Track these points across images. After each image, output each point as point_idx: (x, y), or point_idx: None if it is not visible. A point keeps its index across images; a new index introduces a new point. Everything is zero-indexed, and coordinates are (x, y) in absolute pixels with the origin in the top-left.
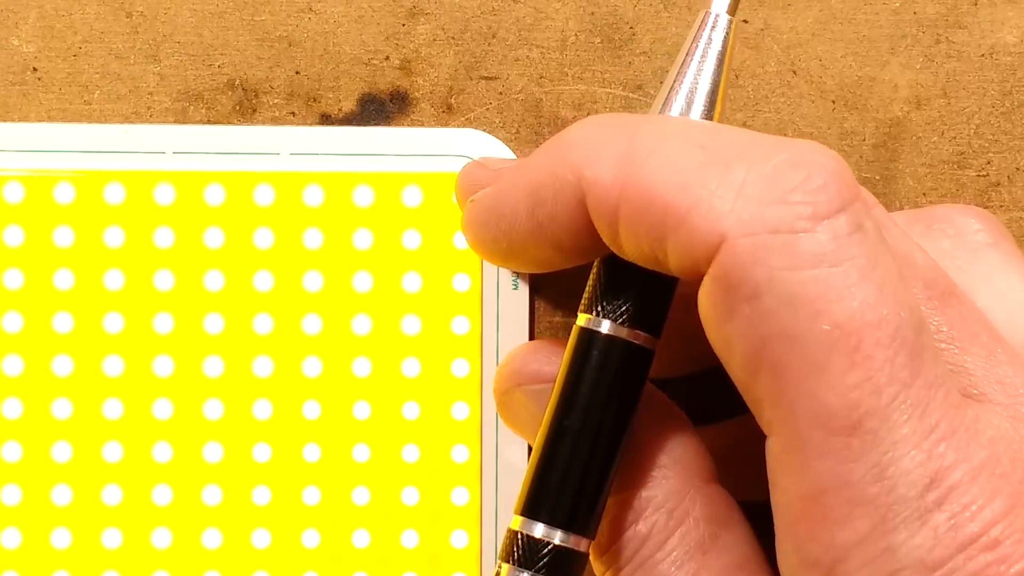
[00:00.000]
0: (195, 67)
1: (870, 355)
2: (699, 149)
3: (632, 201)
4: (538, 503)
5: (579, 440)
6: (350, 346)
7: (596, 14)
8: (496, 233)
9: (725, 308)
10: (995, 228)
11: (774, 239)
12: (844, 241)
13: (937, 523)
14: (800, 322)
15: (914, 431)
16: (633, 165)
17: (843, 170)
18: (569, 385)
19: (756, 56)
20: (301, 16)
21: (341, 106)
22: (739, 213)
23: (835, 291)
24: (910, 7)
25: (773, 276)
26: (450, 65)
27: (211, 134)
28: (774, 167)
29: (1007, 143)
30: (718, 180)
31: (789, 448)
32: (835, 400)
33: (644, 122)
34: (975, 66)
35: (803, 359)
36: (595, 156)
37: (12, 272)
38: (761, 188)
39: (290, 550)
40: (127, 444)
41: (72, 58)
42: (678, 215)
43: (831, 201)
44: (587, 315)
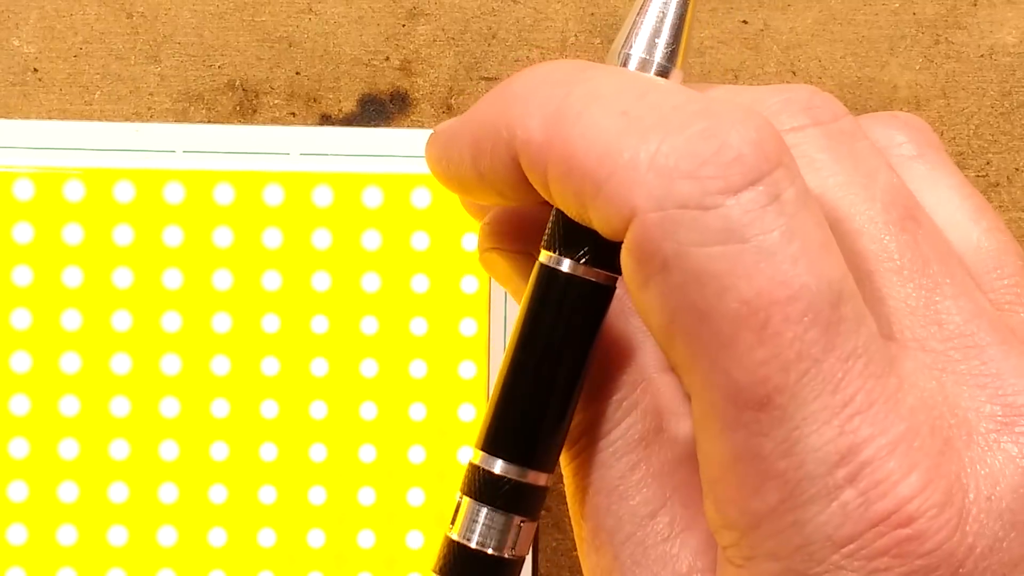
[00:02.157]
0: (195, 68)
1: (778, 332)
2: (621, 116)
3: (557, 165)
4: (497, 440)
5: (537, 378)
6: (357, 347)
7: (596, 14)
8: (448, 173)
9: (639, 278)
10: (920, 136)
11: (682, 214)
12: (756, 215)
13: (846, 500)
14: (708, 299)
15: (825, 406)
16: (560, 127)
17: (763, 137)
18: (528, 323)
19: (756, 56)
20: (301, 17)
21: (341, 106)
22: (650, 187)
23: (743, 267)
24: (909, 7)
25: (681, 252)
26: (450, 65)
27: (221, 133)
28: (687, 138)
29: (1006, 143)
30: (632, 151)
31: (704, 416)
32: (743, 376)
33: (579, 80)
34: (974, 66)
35: (712, 334)
36: (528, 114)
37: (21, 269)
38: (673, 160)
39: (295, 549)
40: (134, 442)
41: (73, 59)
42: (595, 184)
43: (745, 174)
44: (548, 252)
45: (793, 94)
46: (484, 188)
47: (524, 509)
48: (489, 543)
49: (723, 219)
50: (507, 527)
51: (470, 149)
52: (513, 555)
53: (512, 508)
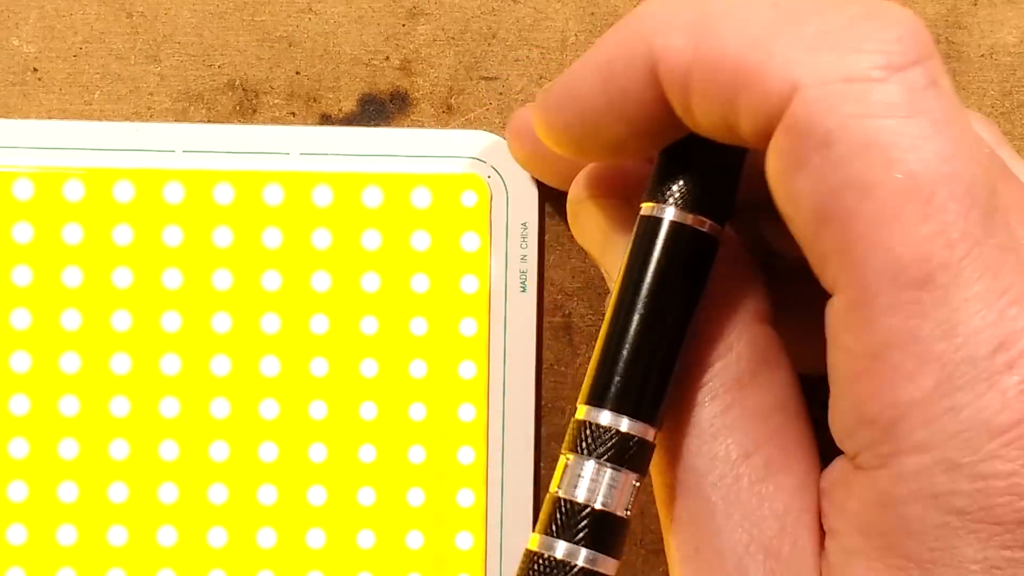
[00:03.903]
0: (195, 67)
1: (944, 207)
2: (771, 7)
3: (704, 64)
4: (603, 391)
5: (644, 329)
6: (357, 347)
7: (596, 14)
8: (568, 116)
9: (795, 159)
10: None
11: (848, 87)
12: (919, 94)
13: (1006, 386)
14: (873, 170)
15: (987, 290)
16: (704, 29)
17: (919, 26)
18: (633, 273)
19: None
20: (301, 16)
21: (341, 106)
22: (812, 63)
23: (909, 140)
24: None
25: (846, 124)
26: (450, 65)
27: (221, 133)
28: (848, 18)
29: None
30: (791, 33)
31: (855, 304)
32: (907, 252)
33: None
34: (975, 66)
35: (875, 208)
36: (666, 24)
37: (21, 269)
38: (835, 39)
39: (295, 550)
40: (134, 442)
41: (72, 58)
42: (750, 70)
43: (906, 53)
44: (650, 203)
45: None
46: (612, 120)
47: (633, 463)
48: (596, 498)
49: (889, 93)
50: (616, 482)
51: (599, 77)
52: (624, 513)
53: (620, 461)
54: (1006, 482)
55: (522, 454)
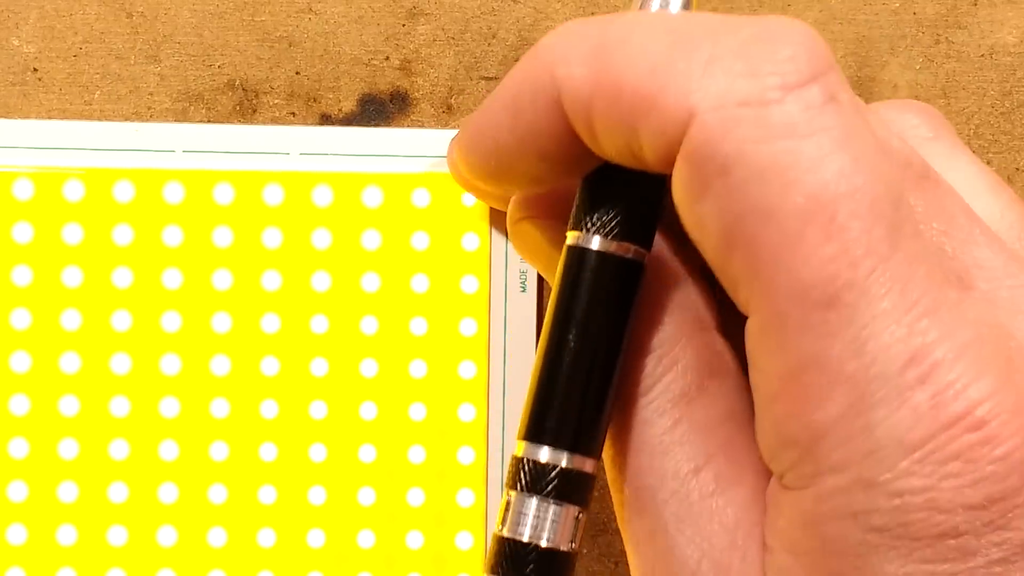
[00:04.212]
0: (195, 67)
1: (846, 226)
2: (667, 34)
3: (604, 92)
4: (541, 426)
5: (576, 361)
6: (357, 347)
7: (596, 14)
8: (483, 152)
9: (697, 186)
10: (934, 121)
11: (743, 112)
12: (816, 112)
13: (918, 401)
14: (772, 195)
15: (894, 305)
16: (604, 57)
17: (815, 41)
18: (562, 305)
19: None
20: (301, 16)
21: (341, 106)
22: (706, 88)
23: (807, 161)
24: (910, 7)
25: (743, 149)
26: (450, 65)
27: (221, 133)
28: (741, 41)
29: (1007, 143)
30: (686, 59)
31: (767, 326)
32: (811, 273)
33: (614, 18)
34: (975, 66)
35: (777, 232)
36: (568, 54)
37: (21, 269)
38: (728, 62)
39: (295, 550)
40: (133, 442)
41: (72, 58)
42: (648, 99)
43: (801, 71)
44: (575, 232)
45: None
46: (525, 154)
47: (575, 497)
48: (542, 535)
49: (784, 115)
50: (559, 517)
51: (508, 111)
52: (570, 547)
53: (563, 496)
54: (922, 497)
55: None
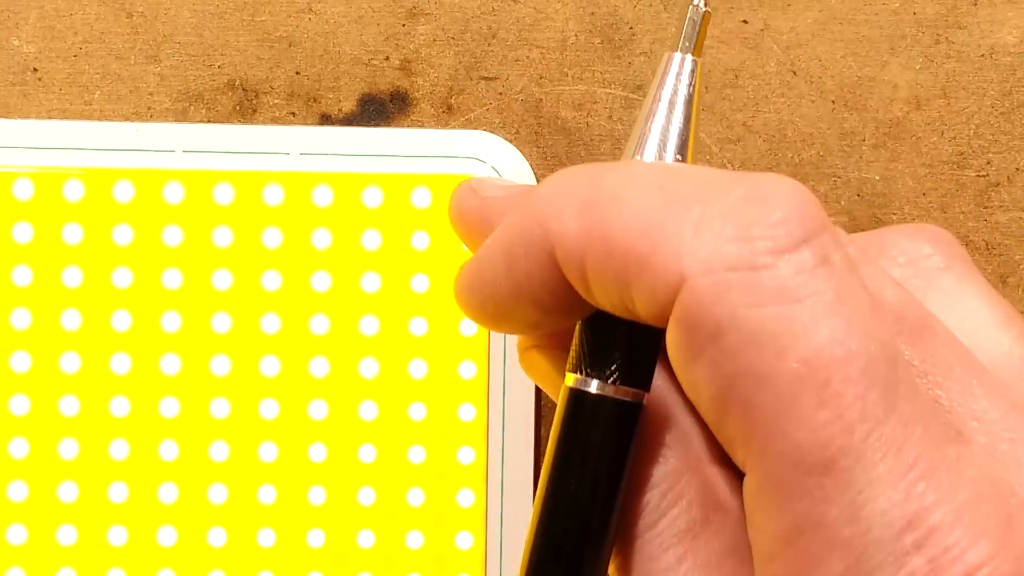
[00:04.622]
0: (195, 67)
1: (840, 391)
2: (658, 191)
3: (596, 249)
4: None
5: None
6: (357, 346)
7: (596, 14)
8: (482, 298)
9: (689, 350)
10: (947, 249)
11: (734, 276)
12: (808, 275)
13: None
14: (765, 360)
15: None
16: (595, 213)
17: (807, 202)
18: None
19: (756, 56)
20: (301, 16)
21: (341, 106)
22: (697, 252)
23: (800, 327)
24: (910, 7)
25: (735, 314)
26: (450, 65)
27: (221, 133)
28: (731, 203)
29: (1007, 143)
30: (676, 221)
31: (763, 488)
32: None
33: (608, 170)
34: (975, 66)
35: (771, 397)
36: (560, 208)
37: (21, 269)
38: (719, 225)
39: (295, 550)
40: (134, 442)
41: (72, 58)
42: (639, 259)
43: (792, 234)
44: (574, 375)
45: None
46: (521, 302)
47: None
48: None
49: (776, 279)
50: None
51: (503, 260)
52: None
53: None
54: None
55: (522, 454)
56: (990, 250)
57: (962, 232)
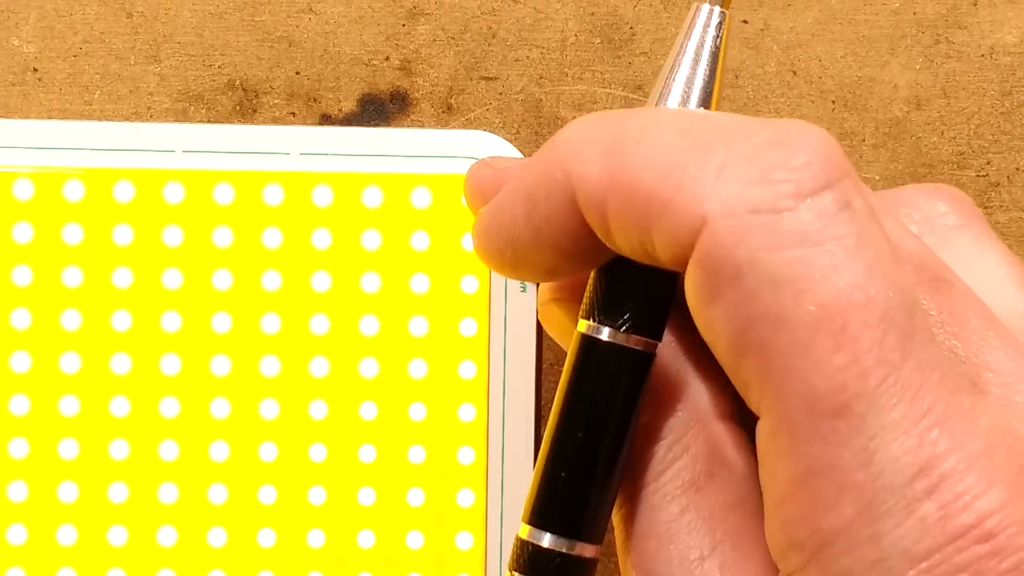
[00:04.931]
0: (195, 67)
1: (857, 336)
2: (682, 135)
3: (619, 192)
4: (545, 513)
5: (582, 450)
6: (357, 347)
7: (596, 14)
8: (500, 243)
9: (708, 291)
10: (963, 207)
11: (755, 219)
12: (830, 219)
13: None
14: (783, 303)
15: (904, 416)
16: (618, 156)
17: (830, 147)
18: (571, 393)
19: (756, 56)
20: (301, 16)
21: (341, 106)
22: (719, 195)
23: (819, 270)
24: (910, 7)
25: (755, 257)
26: (450, 65)
27: (221, 133)
28: (755, 146)
29: (1007, 143)
30: (699, 164)
31: (777, 431)
32: (821, 382)
33: (631, 115)
34: (975, 66)
35: (788, 340)
36: (583, 151)
37: (21, 269)
38: (741, 168)
39: (295, 550)
40: (134, 442)
41: (72, 58)
42: (661, 202)
43: (815, 178)
44: (587, 321)
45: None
46: (540, 246)
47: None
48: None
49: (797, 222)
50: None
51: (524, 205)
52: None
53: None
54: None
55: (522, 454)
56: None
57: None
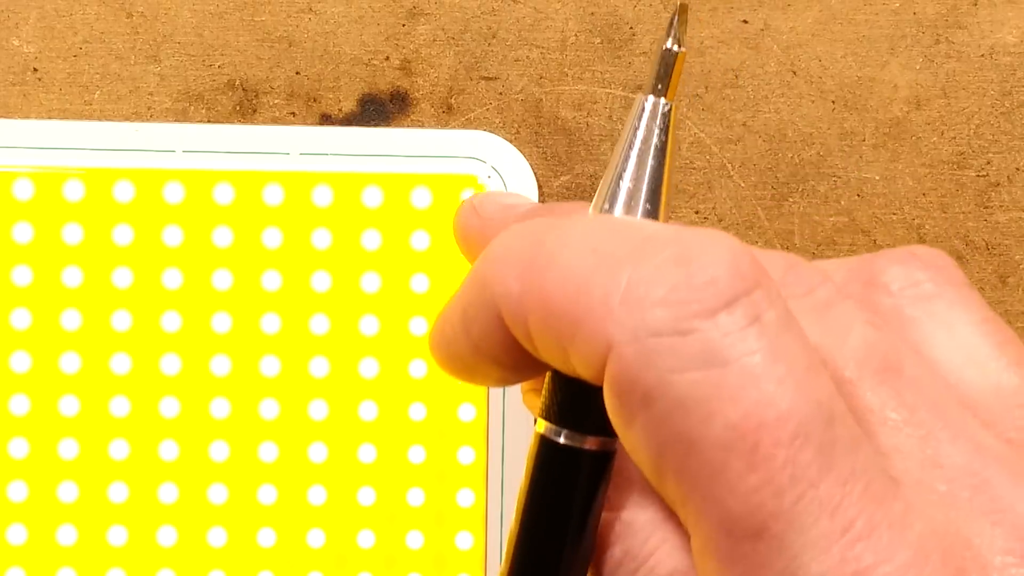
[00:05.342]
0: (195, 67)
1: (769, 455)
2: (591, 254)
3: (536, 312)
4: None
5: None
6: (357, 347)
7: (596, 14)
8: (448, 356)
9: (623, 416)
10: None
11: (660, 342)
12: (736, 337)
13: None
14: (694, 427)
15: (824, 533)
16: (534, 277)
17: (738, 259)
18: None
19: (756, 56)
20: (301, 16)
21: (341, 106)
22: (623, 318)
23: (727, 391)
24: (910, 7)
25: (662, 380)
26: (450, 65)
27: (221, 133)
28: (657, 266)
29: (1007, 143)
30: (604, 286)
31: (703, 551)
32: (737, 505)
33: (550, 229)
34: (975, 66)
35: (701, 464)
36: (504, 270)
37: (21, 269)
38: (644, 289)
39: (295, 550)
40: (134, 442)
41: (72, 58)
42: (572, 324)
43: (720, 295)
44: (544, 422)
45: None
46: (481, 360)
47: None
48: None
49: (701, 343)
50: None
51: (461, 320)
52: None
53: None
54: None
55: (522, 454)
56: (990, 250)
57: (962, 232)
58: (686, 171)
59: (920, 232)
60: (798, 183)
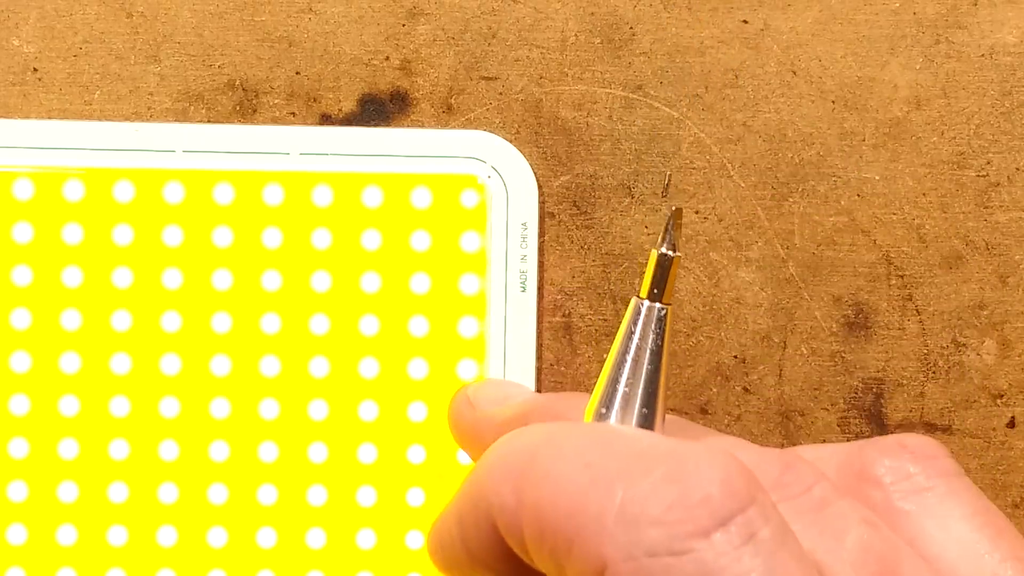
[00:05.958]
0: (195, 67)
1: None
2: (585, 469)
3: (531, 526)
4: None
5: None
6: (357, 346)
7: (596, 14)
8: (446, 562)
9: None
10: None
11: (654, 562)
12: (731, 557)
13: None
14: None
15: None
16: (529, 491)
17: (731, 476)
18: None
19: (756, 56)
20: (301, 16)
21: (341, 106)
22: (618, 538)
23: None
24: (910, 7)
25: None
26: (450, 65)
27: (221, 133)
28: (652, 483)
29: (1007, 143)
30: (598, 504)
31: None
32: None
33: (545, 440)
34: (975, 66)
35: None
36: (499, 482)
37: (21, 269)
38: (638, 508)
39: (295, 549)
40: (134, 442)
41: (72, 58)
42: (566, 541)
43: (714, 513)
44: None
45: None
46: (477, 568)
47: None
48: None
49: (696, 563)
50: None
51: (457, 528)
52: None
53: None
54: None
55: None
56: (990, 250)
57: (962, 232)
58: (686, 171)
59: (920, 232)
60: (798, 183)
